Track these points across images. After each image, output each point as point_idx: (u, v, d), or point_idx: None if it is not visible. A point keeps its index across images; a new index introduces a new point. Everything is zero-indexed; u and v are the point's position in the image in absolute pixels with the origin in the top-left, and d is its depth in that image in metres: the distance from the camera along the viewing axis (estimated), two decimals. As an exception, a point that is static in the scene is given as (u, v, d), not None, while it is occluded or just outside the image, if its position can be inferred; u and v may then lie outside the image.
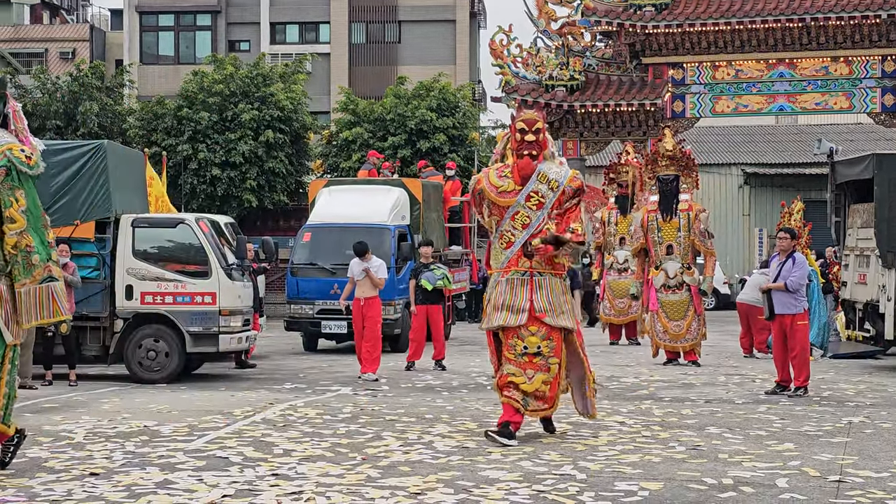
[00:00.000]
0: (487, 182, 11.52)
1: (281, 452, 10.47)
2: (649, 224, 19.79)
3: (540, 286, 11.25)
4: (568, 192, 11.31)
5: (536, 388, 11.12)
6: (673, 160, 19.89)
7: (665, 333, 19.51)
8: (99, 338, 17.20)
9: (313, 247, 22.50)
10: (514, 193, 11.35)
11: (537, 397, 11.16)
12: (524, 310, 11.17)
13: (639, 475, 9.38)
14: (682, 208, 19.70)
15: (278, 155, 33.84)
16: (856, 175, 20.23)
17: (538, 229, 11.22)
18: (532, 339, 11.16)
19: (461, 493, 8.70)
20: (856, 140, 42.42)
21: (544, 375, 11.15)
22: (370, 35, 49.07)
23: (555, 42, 33.70)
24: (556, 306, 11.23)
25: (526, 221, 11.29)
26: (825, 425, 12.32)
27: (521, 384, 11.09)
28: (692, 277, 19.59)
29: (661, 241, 19.65)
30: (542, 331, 11.19)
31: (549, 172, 11.33)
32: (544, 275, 11.28)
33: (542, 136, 11.47)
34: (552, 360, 11.19)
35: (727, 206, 42.67)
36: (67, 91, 35.13)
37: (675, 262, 19.54)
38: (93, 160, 17.13)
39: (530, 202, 11.30)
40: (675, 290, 19.51)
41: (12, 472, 9.50)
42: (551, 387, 11.22)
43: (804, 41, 32.42)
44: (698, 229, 19.56)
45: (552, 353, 11.19)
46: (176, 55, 49.54)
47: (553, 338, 11.23)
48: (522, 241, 11.25)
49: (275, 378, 17.49)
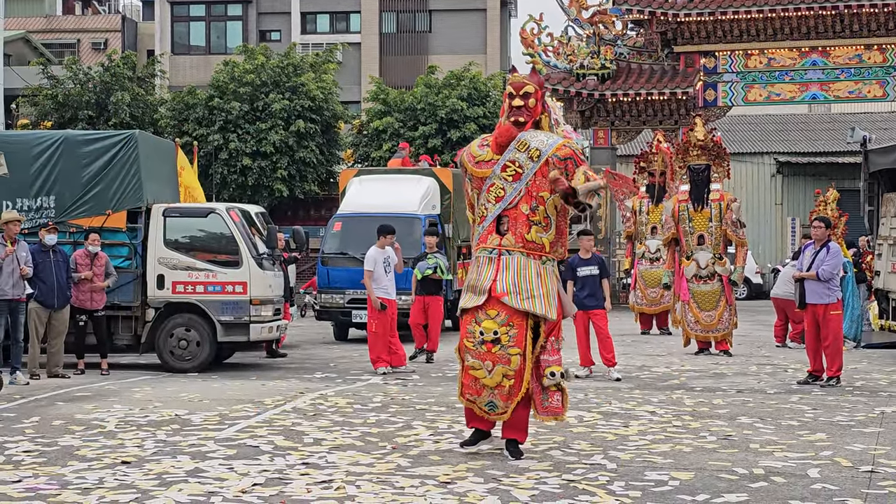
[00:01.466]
0: (468, 152, 10.32)
1: (311, 441, 10.48)
2: (680, 214, 19.65)
3: (507, 266, 9.81)
4: (554, 162, 9.80)
5: (498, 383, 9.68)
6: (704, 150, 19.75)
7: (697, 324, 19.44)
8: (131, 327, 17.27)
9: (344, 236, 22.50)
10: (492, 163, 10.02)
11: (502, 395, 9.72)
12: (485, 290, 9.79)
13: (669, 465, 9.35)
14: (714, 198, 19.57)
15: (309, 144, 33.91)
16: (890, 164, 20.12)
17: (512, 203, 9.90)
18: (488, 324, 9.69)
19: (491, 482, 8.69)
20: (890, 128, 42.16)
21: (504, 368, 9.66)
22: (401, 24, 49.02)
23: (586, 31, 33.60)
24: (522, 289, 9.72)
25: (500, 194, 9.94)
26: (858, 415, 12.24)
27: (482, 378, 9.72)
28: (724, 267, 19.48)
29: (692, 231, 19.53)
30: (502, 315, 9.71)
31: (531, 140, 9.94)
32: (513, 253, 9.84)
33: (532, 100, 10.10)
34: (512, 350, 9.66)
35: (760, 196, 42.46)
36: (99, 81, 35.32)
37: (707, 252, 19.42)
38: (124, 150, 17.20)
39: (506, 172, 9.93)
40: (706, 281, 19.41)
41: (45, 460, 9.56)
42: (514, 383, 9.69)
43: (837, 29, 32.20)
44: (730, 219, 19.44)
45: (513, 342, 9.67)
46: (207, 45, 49.65)
47: (514, 324, 9.69)
48: (494, 216, 9.97)
49: (305, 367, 17.52)
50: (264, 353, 19.14)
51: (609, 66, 33.04)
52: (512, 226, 9.90)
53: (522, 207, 9.89)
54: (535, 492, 8.36)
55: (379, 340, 16.63)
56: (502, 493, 8.29)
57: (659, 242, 23.88)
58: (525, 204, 9.89)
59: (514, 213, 9.91)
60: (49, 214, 16.97)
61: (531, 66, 10.00)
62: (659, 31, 32.98)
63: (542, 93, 10.25)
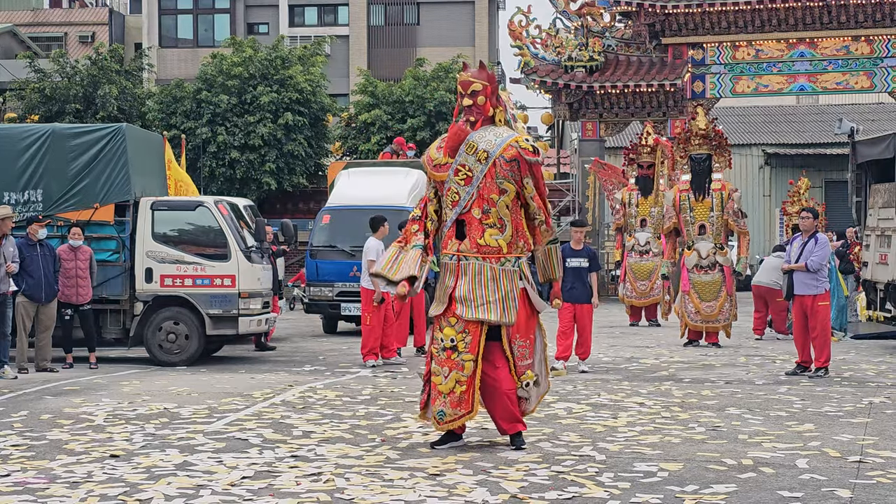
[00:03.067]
0: (427, 155, 10.15)
1: (300, 434, 10.48)
2: (681, 203, 19.59)
3: (465, 272, 9.76)
4: (500, 164, 9.66)
5: (451, 389, 9.66)
6: (706, 139, 19.73)
7: (697, 314, 19.34)
8: (119, 321, 17.24)
9: (332, 229, 22.48)
10: (447, 167, 9.86)
11: (452, 401, 9.67)
12: (446, 298, 9.81)
13: (658, 456, 9.36)
14: (715, 188, 19.53)
15: (297, 137, 33.87)
16: (877, 155, 20.15)
17: (466, 208, 9.75)
18: (448, 331, 9.72)
19: (480, 473, 8.70)
20: (878, 120, 42.21)
21: (457, 374, 9.65)
22: (389, 17, 49.02)
23: (574, 23, 33.63)
24: (477, 296, 9.69)
25: (455, 198, 9.81)
26: (846, 406, 12.27)
27: (439, 384, 9.71)
28: (725, 258, 19.47)
29: (693, 221, 19.47)
30: (459, 323, 9.70)
31: (479, 142, 9.75)
32: (469, 259, 9.76)
33: (480, 98, 9.81)
34: (466, 357, 9.65)
35: (748, 187, 42.52)
36: (87, 75, 35.20)
37: (708, 242, 19.37)
38: (112, 143, 17.14)
39: (458, 176, 9.78)
40: (707, 271, 19.34)
41: (33, 454, 9.54)
42: (466, 388, 9.66)
43: (825, 20, 32.26)
44: (731, 209, 19.43)
45: (467, 348, 9.66)
46: (195, 38, 49.59)
47: (469, 331, 9.67)
48: (452, 221, 9.84)
49: (294, 360, 17.51)
50: (253, 347, 19.12)
51: (597, 58, 33.06)
52: (468, 230, 9.81)
53: (474, 212, 9.78)
54: (524, 483, 8.37)
55: (372, 334, 16.63)
56: (491, 485, 8.30)
57: (649, 235, 23.92)
58: (477, 208, 9.77)
59: (468, 218, 9.82)
60: (37, 208, 16.92)
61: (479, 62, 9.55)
62: (647, 22, 33.01)
63: (492, 88, 9.94)
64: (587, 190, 34.07)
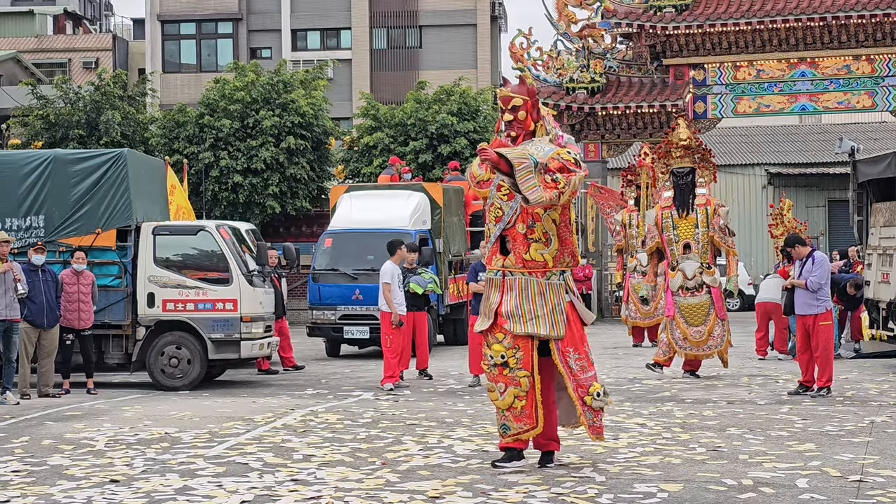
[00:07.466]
0: (469, 172, 10.22)
1: (300, 458, 10.48)
2: (664, 222, 17.78)
3: (511, 287, 9.83)
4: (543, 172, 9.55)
5: (510, 404, 9.76)
6: (688, 150, 18.11)
7: (685, 340, 17.57)
8: (121, 345, 17.26)
9: (334, 252, 22.50)
10: (490, 182, 9.94)
11: (515, 416, 9.80)
12: (492, 313, 9.91)
13: (658, 477, 9.36)
14: (700, 203, 17.71)
15: (300, 161, 33.91)
16: (878, 174, 20.13)
17: (510, 223, 9.84)
18: (497, 347, 9.82)
19: (479, 496, 8.70)
20: (879, 139, 42.25)
21: (515, 389, 9.74)
22: (391, 40, 49.10)
23: (575, 44, 33.67)
24: (525, 311, 9.76)
25: (499, 214, 9.89)
26: (847, 425, 12.26)
27: (495, 400, 9.87)
28: (713, 278, 17.77)
29: (677, 240, 17.66)
30: (508, 338, 9.80)
31: None
32: (515, 274, 9.83)
33: (521, 112, 9.94)
34: (520, 373, 9.75)
35: (751, 207, 42.52)
36: (90, 100, 35.29)
37: (694, 261, 17.55)
38: (113, 168, 17.20)
39: (501, 192, 9.85)
40: (694, 293, 17.52)
41: (33, 479, 9.55)
42: (527, 402, 9.77)
43: (826, 40, 32.29)
44: (717, 225, 17.61)
45: (520, 364, 9.75)
46: (198, 63, 49.69)
47: (519, 346, 9.77)
48: (496, 237, 9.93)
49: (297, 384, 17.51)
50: (256, 370, 19.13)
51: (599, 79, 33.11)
52: (512, 246, 9.86)
53: (519, 227, 9.84)
54: (523, 505, 8.37)
55: (394, 358, 16.64)
56: (491, 508, 8.30)
57: (649, 255, 23.85)
58: (521, 223, 9.84)
59: (512, 233, 9.89)
60: (38, 234, 16.97)
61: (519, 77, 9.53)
62: (648, 44, 33.06)
63: (532, 102, 10.03)
64: (589, 211, 34.09)
